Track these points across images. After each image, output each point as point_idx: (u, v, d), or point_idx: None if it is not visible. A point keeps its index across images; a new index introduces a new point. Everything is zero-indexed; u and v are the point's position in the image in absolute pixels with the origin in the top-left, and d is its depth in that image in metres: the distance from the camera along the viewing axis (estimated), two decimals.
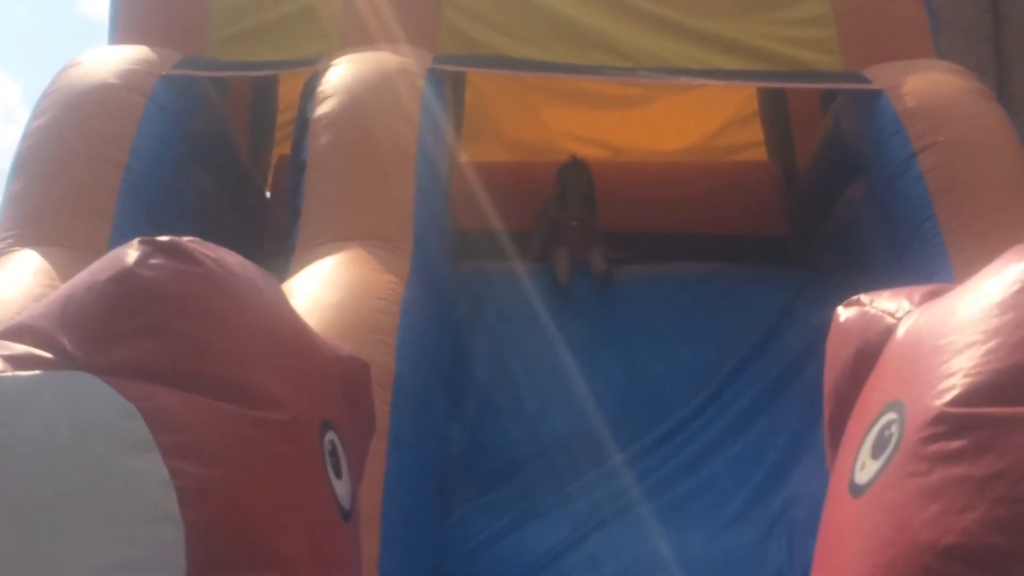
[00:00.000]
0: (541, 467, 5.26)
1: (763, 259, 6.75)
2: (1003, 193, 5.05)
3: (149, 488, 1.92)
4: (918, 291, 2.43)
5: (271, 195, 7.45)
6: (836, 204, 6.21)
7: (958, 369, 2.00)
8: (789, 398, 5.56)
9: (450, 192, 5.81)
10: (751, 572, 4.73)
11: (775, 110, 7.83)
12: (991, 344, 1.99)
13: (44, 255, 4.79)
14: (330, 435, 2.28)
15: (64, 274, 4.38)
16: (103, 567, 1.87)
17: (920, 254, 5.03)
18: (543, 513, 5.02)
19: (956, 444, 1.91)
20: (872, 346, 2.38)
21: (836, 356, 2.54)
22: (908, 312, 2.34)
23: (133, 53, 5.77)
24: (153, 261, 2.12)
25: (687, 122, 8.15)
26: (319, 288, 4.44)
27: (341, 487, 2.30)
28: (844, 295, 2.71)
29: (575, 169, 6.58)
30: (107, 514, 1.90)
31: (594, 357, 5.77)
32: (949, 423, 1.94)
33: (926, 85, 5.49)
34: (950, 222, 4.95)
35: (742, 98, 8.11)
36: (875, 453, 2.11)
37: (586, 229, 6.36)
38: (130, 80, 5.54)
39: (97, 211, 5.10)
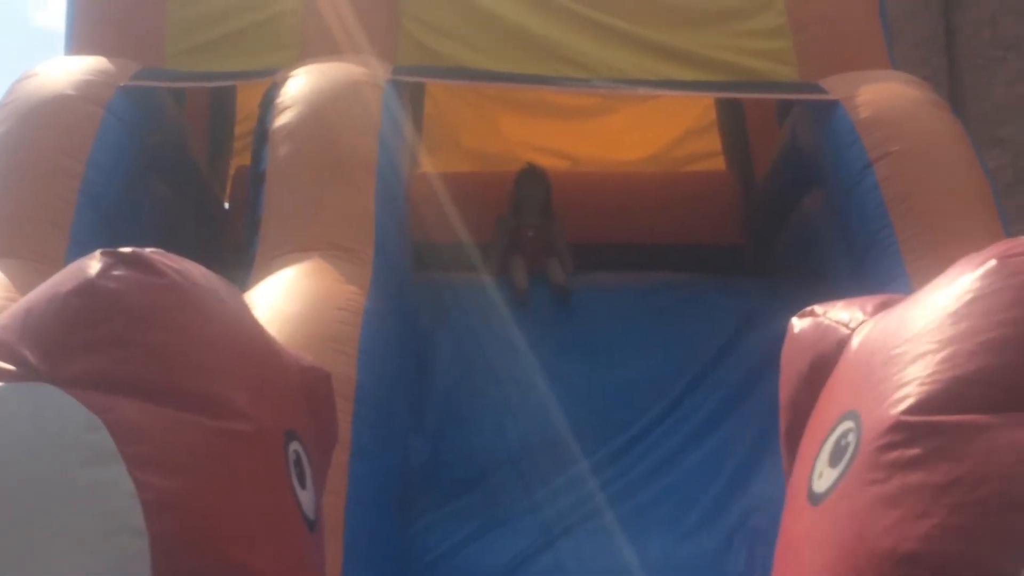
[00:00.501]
0: (503, 476, 5.26)
1: (722, 268, 6.79)
2: (958, 202, 5.11)
3: (113, 500, 1.91)
4: (871, 301, 2.45)
5: (230, 206, 7.42)
6: (794, 214, 6.26)
7: (913, 378, 2.02)
8: (749, 406, 5.59)
9: (410, 203, 5.80)
10: None
11: (733, 120, 7.88)
12: (945, 353, 2.01)
13: (0, 267, 4.75)
14: (294, 445, 2.27)
15: (21, 286, 4.35)
16: None
17: (877, 263, 5.07)
18: (505, 522, 5.02)
19: (913, 452, 1.93)
20: (826, 357, 2.40)
21: (791, 367, 2.56)
22: (862, 322, 2.36)
23: (90, 64, 5.73)
24: (116, 272, 2.11)
25: (645, 132, 8.19)
26: (279, 299, 4.42)
27: (306, 497, 2.29)
28: (803, 304, 2.74)
29: (532, 177, 6.59)
30: (71, 526, 1.89)
31: (555, 366, 5.77)
32: (906, 431, 1.96)
33: (881, 95, 5.55)
34: (906, 231, 5.00)
35: (700, 108, 8.17)
36: (832, 462, 2.12)
37: (544, 238, 6.37)
38: (87, 91, 5.51)
39: (54, 223, 5.06)
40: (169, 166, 6.21)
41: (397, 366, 4.92)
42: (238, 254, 5.37)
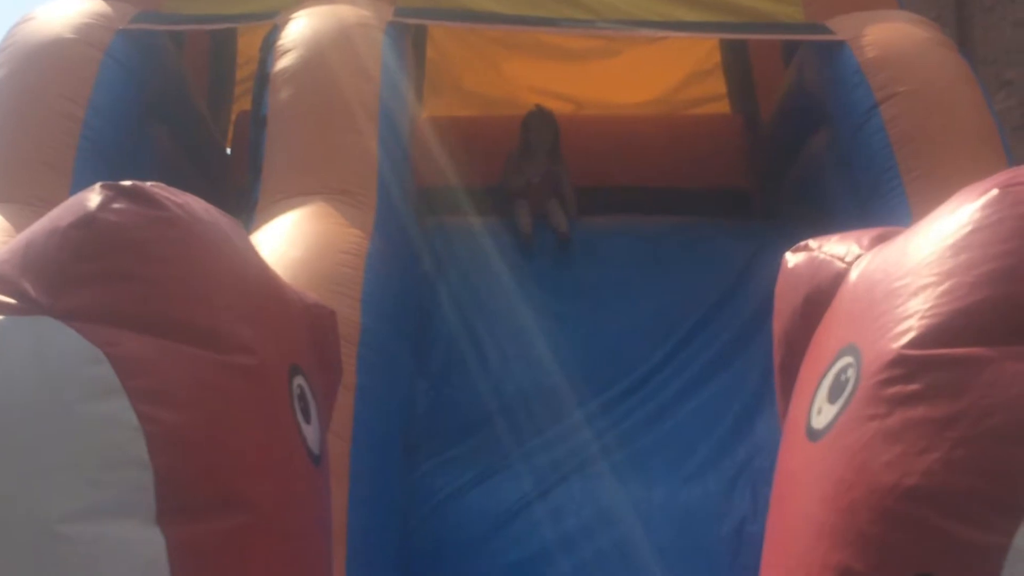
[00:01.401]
0: (506, 421, 5.26)
1: (726, 212, 6.76)
2: (964, 142, 5.06)
3: (117, 433, 1.90)
4: (867, 235, 2.41)
5: (232, 151, 7.38)
6: (799, 156, 6.22)
7: (914, 311, 1.99)
8: (753, 350, 5.57)
9: (412, 147, 5.77)
10: (715, 522, 4.77)
11: (738, 62, 7.82)
12: (946, 285, 1.97)
13: (2, 212, 4.72)
14: (298, 380, 2.26)
15: (21, 230, 4.32)
16: (72, 512, 1.86)
17: (882, 204, 5.04)
18: (509, 466, 5.02)
19: (914, 386, 1.90)
20: (822, 291, 2.37)
21: (785, 302, 2.53)
22: (858, 256, 2.32)
23: (89, 7, 5.67)
24: (116, 206, 2.09)
25: (650, 75, 8.13)
26: (282, 243, 4.40)
27: (310, 432, 2.28)
28: None
29: (541, 118, 6.54)
30: (75, 459, 1.89)
31: (558, 311, 5.77)
32: (907, 365, 1.93)
33: (888, 36, 5.49)
34: (911, 172, 4.96)
35: (704, 51, 8.10)
36: (831, 397, 2.10)
37: (550, 182, 6.34)
38: (86, 34, 5.46)
39: (55, 167, 5.03)
40: (170, 111, 6.16)
41: (400, 310, 4.91)
42: (240, 199, 5.34)
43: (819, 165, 5.90)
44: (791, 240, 5.90)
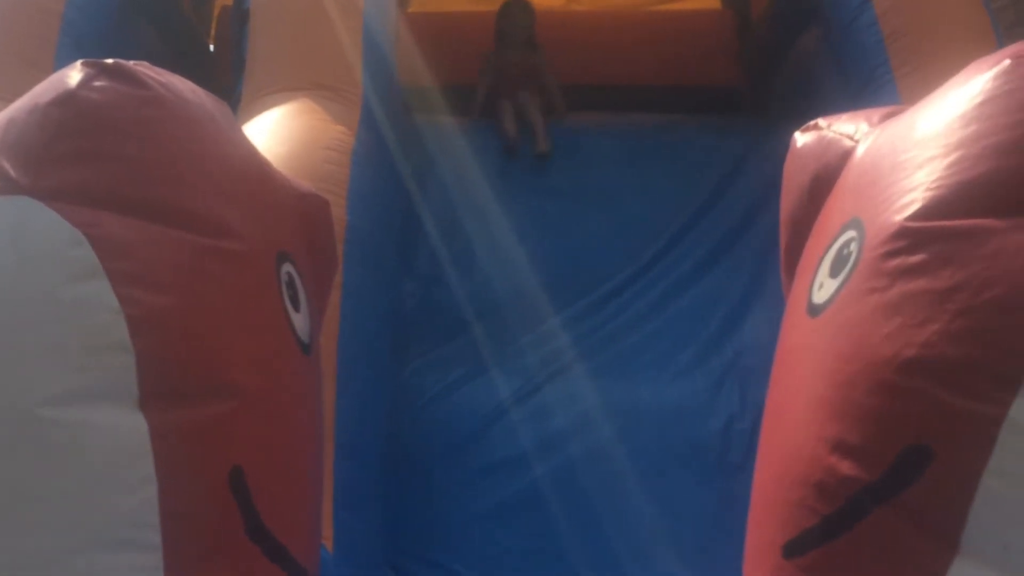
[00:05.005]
0: (494, 321, 5.26)
1: (716, 110, 6.69)
2: (957, 38, 4.98)
3: (98, 315, 1.86)
4: (877, 112, 2.35)
5: (214, 49, 7.27)
6: (790, 53, 6.15)
7: (919, 183, 1.94)
8: (741, 249, 5.57)
9: (398, 44, 5.68)
10: (702, 420, 4.79)
11: None
12: (953, 157, 1.93)
13: None
14: (287, 267, 2.21)
15: None
16: (53, 396, 1.83)
17: (874, 101, 4.96)
18: (498, 364, 5.03)
19: (916, 258, 1.87)
20: (830, 169, 2.32)
21: (793, 182, 2.48)
22: (867, 133, 2.29)
23: None
24: (97, 83, 2.02)
25: None
26: (266, 139, 4.33)
27: (299, 320, 2.25)
28: None
29: (516, 7, 6.43)
30: (55, 343, 1.85)
31: (545, 211, 5.74)
32: (909, 237, 1.90)
33: None
34: (903, 67, 4.89)
35: None
36: (833, 272, 2.06)
37: (527, 70, 6.24)
38: None
39: (34, 63, 4.91)
40: (153, 7, 6.04)
41: (387, 208, 4.87)
42: (225, 97, 5.25)
43: (810, 62, 5.83)
44: (780, 138, 5.88)
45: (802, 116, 5.63)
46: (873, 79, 4.99)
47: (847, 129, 2.35)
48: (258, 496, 2.03)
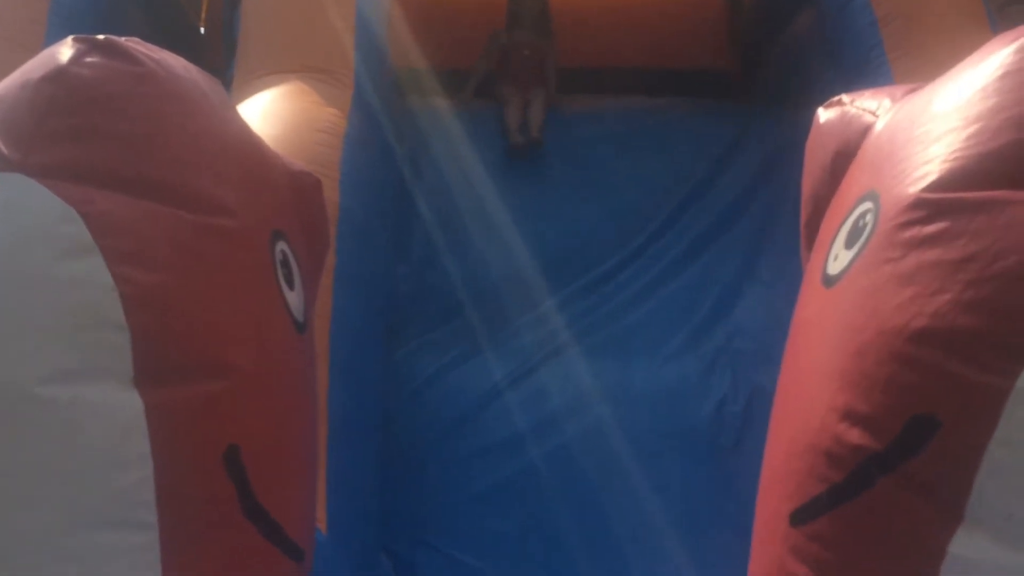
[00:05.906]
0: (488, 304, 5.26)
1: (708, 93, 6.69)
2: (950, 20, 4.99)
3: (92, 293, 1.84)
4: (901, 89, 2.35)
5: (205, 31, 7.24)
6: (783, 36, 6.14)
7: (936, 156, 1.95)
8: (734, 232, 5.58)
9: (391, 26, 5.65)
10: (695, 402, 4.81)
11: None
12: (971, 130, 1.93)
13: None
14: (281, 245, 2.21)
15: None
16: (46, 375, 1.81)
17: (867, 84, 4.93)
18: (492, 347, 5.05)
19: (931, 229, 1.87)
20: (851, 145, 2.32)
21: (814, 159, 2.48)
22: (889, 109, 2.29)
23: None
24: (89, 59, 2.00)
25: None
26: (259, 121, 4.30)
27: (294, 298, 2.24)
28: (789, 129, 2.65)
29: None
30: (48, 321, 1.83)
31: (539, 194, 5.75)
32: (925, 208, 1.90)
33: None
34: (897, 50, 4.89)
35: None
36: (848, 243, 2.07)
37: (538, 60, 6.20)
38: None
39: (24, 46, 4.90)
40: None
41: (379, 192, 4.86)
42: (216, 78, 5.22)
43: (803, 45, 5.83)
44: (773, 122, 5.89)
45: (795, 99, 5.71)
46: (867, 62, 4.99)
47: (870, 105, 2.34)
48: (253, 475, 2.03)
